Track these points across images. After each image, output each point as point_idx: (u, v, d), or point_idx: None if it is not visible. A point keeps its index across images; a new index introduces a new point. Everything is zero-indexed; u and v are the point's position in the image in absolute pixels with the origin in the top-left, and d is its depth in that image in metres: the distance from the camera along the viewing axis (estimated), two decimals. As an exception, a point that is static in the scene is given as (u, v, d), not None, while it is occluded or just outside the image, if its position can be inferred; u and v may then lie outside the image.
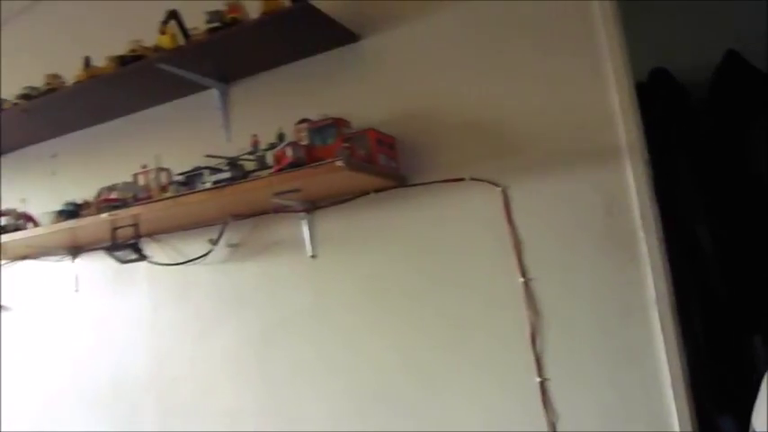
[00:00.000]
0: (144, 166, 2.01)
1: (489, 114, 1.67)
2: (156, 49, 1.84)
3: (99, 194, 2.04)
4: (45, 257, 2.39)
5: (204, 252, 2.05)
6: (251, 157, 1.79)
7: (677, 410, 1.45)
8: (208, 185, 1.71)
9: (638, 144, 1.51)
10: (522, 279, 1.61)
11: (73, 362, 2.32)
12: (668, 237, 1.52)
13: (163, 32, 1.80)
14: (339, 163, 1.48)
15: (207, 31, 1.74)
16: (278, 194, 1.70)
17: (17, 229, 2.16)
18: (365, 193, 1.81)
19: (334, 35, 1.80)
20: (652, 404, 1.48)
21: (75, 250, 2.34)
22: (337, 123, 1.70)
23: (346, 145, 1.59)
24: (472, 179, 1.68)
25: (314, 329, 1.89)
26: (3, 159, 2.51)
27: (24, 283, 2.46)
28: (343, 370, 1.83)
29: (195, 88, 2.05)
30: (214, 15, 1.75)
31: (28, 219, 2.24)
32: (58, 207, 2.09)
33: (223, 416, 2.03)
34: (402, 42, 1.79)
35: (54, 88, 2.04)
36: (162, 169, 1.98)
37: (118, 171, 2.15)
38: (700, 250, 1.86)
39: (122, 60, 1.90)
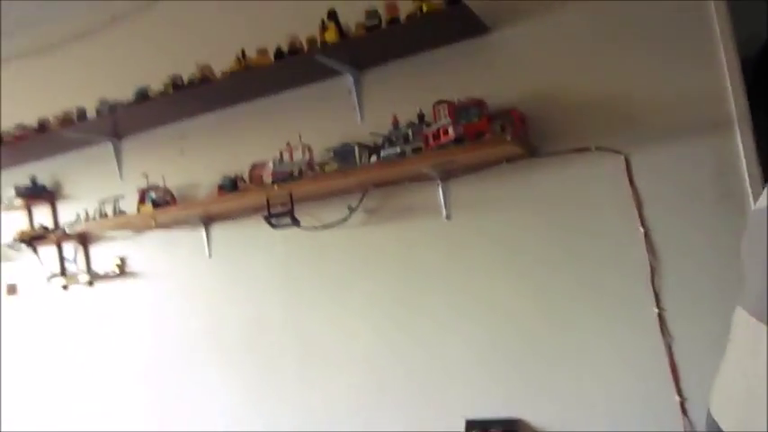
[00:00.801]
0: (288, 144, 2.28)
1: (611, 91, 1.97)
2: (314, 41, 2.09)
3: (253, 168, 2.31)
4: (177, 228, 2.66)
5: (343, 217, 2.34)
6: (403, 132, 2.07)
7: None
8: (375, 160, 1.99)
9: (746, 115, 1.84)
10: (642, 230, 1.94)
11: (211, 316, 2.62)
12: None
13: (325, 28, 2.06)
14: (508, 137, 1.78)
15: (366, 29, 2.00)
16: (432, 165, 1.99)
17: (166, 203, 2.43)
18: (498, 162, 2.11)
19: (469, 28, 2.06)
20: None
21: (208, 220, 2.60)
22: (479, 104, 1.99)
23: (501, 123, 1.89)
24: (597, 148, 1.99)
25: (449, 283, 2.20)
26: (125, 141, 2.76)
27: (157, 252, 2.73)
28: (479, 318, 2.15)
29: (330, 73, 2.30)
30: (373, 14, 2.01)
31: (167, 193, 2.51)
32: (188, 182, 2.40)
33: (361, 362, 2.35)
34: (528, 35, 2.07)
35: (207, 77, 2.28)
36: (308, 147, 2.26)
37: (251, 150, 2.44)
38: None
39: (279, 53, 2.16)
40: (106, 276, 2.84)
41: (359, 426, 2.32)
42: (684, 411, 1.90)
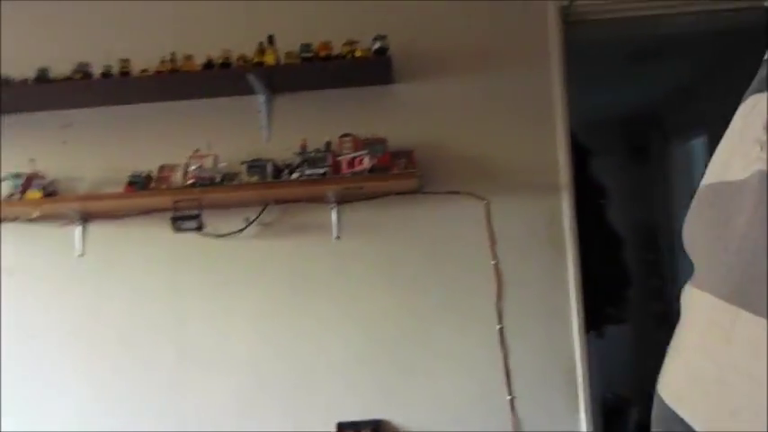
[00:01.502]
0: (197, 151, 2.43)
1: (481, 149, 2.52)
2: (247, 60, 2.32)
3: (162, 170, 2.39)
4: (49, 222, 2.55)
5: (239, 228, 2.51)
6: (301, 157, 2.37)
7: (579, 354, 2.45)
8: (296, 177, 2.25)
9: (570, 183, 2.52)
10: (493, 261, 2.49)
11: (79, 315, 2.52)
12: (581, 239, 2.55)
13: (263, 51, 2.30)
14: (416, 172, 2.20)
15: (302, 59, 2.29)
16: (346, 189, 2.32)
17: (54, 192, 2.36)
18: (388, 194, 2.51)
19: (381, 76, 2.48)
20: (562, 350, 2.46)
21: (87, 216, 2.54)
22: (382, 141, 2.40)
23: (403, 161, 2.31)
24: (466, 193, 2.52)
25: (332, 297, 2.50)
26: (5, 119, 2.58)
27: (22, 245, 2.56)
28: (356, 330, 2.48)
29: (244, 91, 2.51)
30: (307, 47, 2.32)
31: (52, 183, 2.44)
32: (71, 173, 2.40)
33: (243, 365, 2.50)
34: (425, 92, 2.55)
35: (127, 72, 2.33)
36: (216, 156, 2.43)
37: (152, 151, 2.52)
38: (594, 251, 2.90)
39: (209, 63, 2.33)
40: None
41: (234, 427, 2.44)
42: (513, 408, 2.44)
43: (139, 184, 2.30)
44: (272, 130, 2.57)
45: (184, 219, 2.32)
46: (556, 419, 2.44)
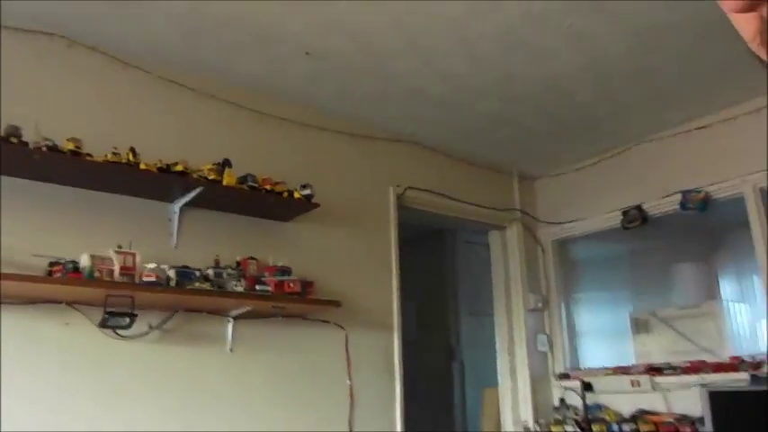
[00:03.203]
0: (120, 247, 2.40)
1: (345, 288, 3.11)
2: (203, 177, 2.49)
3: (96, 260, 2.24)
4: None
5: (143, 331, 2.43)
6: (233, 272, 2.59)
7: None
8: (240, 290, 2.45)
9: (399, 324, 3.30)
10: (349, 382, 3.02)
11: None
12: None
13: (221, 172, 2.51)
14: (339, 303, 2.68)
15: (249, 188, 2.59)
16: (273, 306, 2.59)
17: None
18: (276, 315, 2.83)
19: (284, 215, 2.91)
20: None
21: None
22: (288, 269, 2.80)
23: (311, 289, 2.76)
24: (334, 323, 3.04)
25: (226, 402, 2.60)
26: None
27: None
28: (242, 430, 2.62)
29: (159, 196, 2.58)
30: (252, 177, 2.63)
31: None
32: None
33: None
34: (309, 233, 3.07)
35: (78, 153, 2.21)
36: (134, 254, 2.43)
37: (63, 237, 2.38)
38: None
39: (166, 168, 2.41)
40: None
41: None
42: None
43: (87, 272, 2.12)
44: (179, 240, 2.66)
45: (116, 315, 2.20)
46: None
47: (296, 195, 2.76)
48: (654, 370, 3.44)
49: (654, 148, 3.72)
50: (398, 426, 3.15)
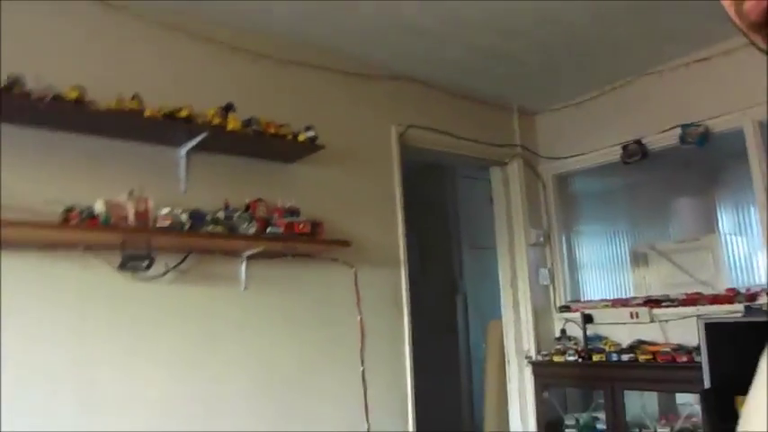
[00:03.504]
0: (131, 193, 2.46)
1: (351, 227, 3.19)
2: (207, 122, 2.51)
3: (111, 207, 2.30)
4: None
5: (161, 272, 2.52)
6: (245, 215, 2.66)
7: (410, 388, 3.26)
8: (252, 231, 2.51)
9: (405, 260, 3.40)
10: (359, 316, 3.14)
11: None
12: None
13: (225, 116, 2.53)
14: (349, 242, 2.75)
15: (253, 133, 2.62)
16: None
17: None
18: (286, 255, 2.92)
19: (291, 156, 2.95)
20: (400, 386, 3.24)
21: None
22: (297, 210, 2.87)
23: (321, 230, 2.83)
24: (342, 261, 3.13)
25: (239, 338, 2.72)
26: None
27: None
28: (259, 366, 2.75)
29: (165, 141, 2.62)
30: (255, 121, 2.65)
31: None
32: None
33: (154, 406, 2.45)
34: (315, 174, 3.12)
35: (81, 101, 2.23)
36: (146, 199, 2.48)
37: (76, 184, 2.43)
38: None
39: (171, 114, 2.43)
40: None
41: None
42: (368, 435, 3.06)
43: (104, 218, 2.18)
44: (188, 184, 2.71)
45: (135, 258, 2.28)
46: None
47: (300, 138, 2.78)
48: (652, 302, 3.56)
49: (653, 81, 3.71)
50: (407, 354, 3.30)
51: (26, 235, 2.16)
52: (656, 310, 3.52)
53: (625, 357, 3.41)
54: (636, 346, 3.47)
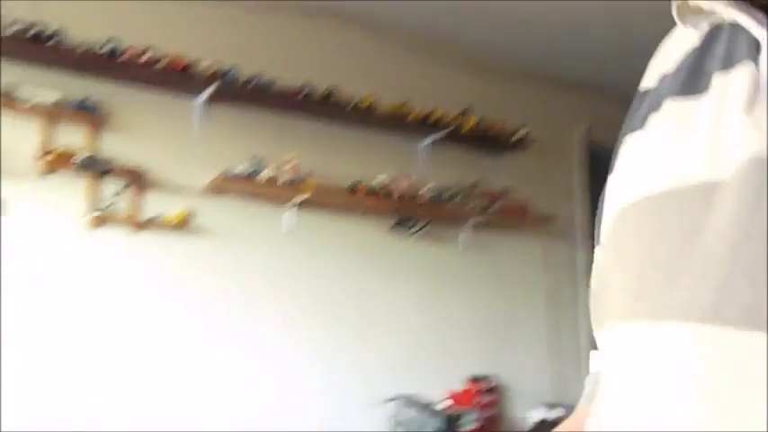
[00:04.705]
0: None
1: (545, 210, 3.88)
2: (449, 121, 3.33)
3: (391, 181, 3.18)
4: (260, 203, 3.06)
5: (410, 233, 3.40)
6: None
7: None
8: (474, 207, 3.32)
9: (582, 236, 4.05)
10: (546, 285, 3.86)
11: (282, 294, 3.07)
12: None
13: (463, 118, 3.34)
14: (552, 216, 3.49)
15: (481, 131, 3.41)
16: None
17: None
18: (497, 226, 3.68)
19: (498, 151, 3.70)
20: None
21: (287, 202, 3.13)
22: (507, 192, 3.61)
23: (526, 211, 3.57)
24: (546, 233, 3.85)
25: (459, 292, 3.55)
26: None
27: (229, 220, 3.01)
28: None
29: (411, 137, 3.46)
30: (482, 121, 3.43)
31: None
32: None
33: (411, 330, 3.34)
34: (518, 162, 3.85)
35: (372, 107, 3.13)
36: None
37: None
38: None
39: (426, 117, 3.27)
40: (159, 225, 2.81)
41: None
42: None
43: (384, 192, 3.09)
44: (427, 167, 3.55)
45: (403, 222, 3.17)
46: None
47: (517, 137, 3.53)
48: None
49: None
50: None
51: (322, 199, 3.10)
52: None
53: None
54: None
